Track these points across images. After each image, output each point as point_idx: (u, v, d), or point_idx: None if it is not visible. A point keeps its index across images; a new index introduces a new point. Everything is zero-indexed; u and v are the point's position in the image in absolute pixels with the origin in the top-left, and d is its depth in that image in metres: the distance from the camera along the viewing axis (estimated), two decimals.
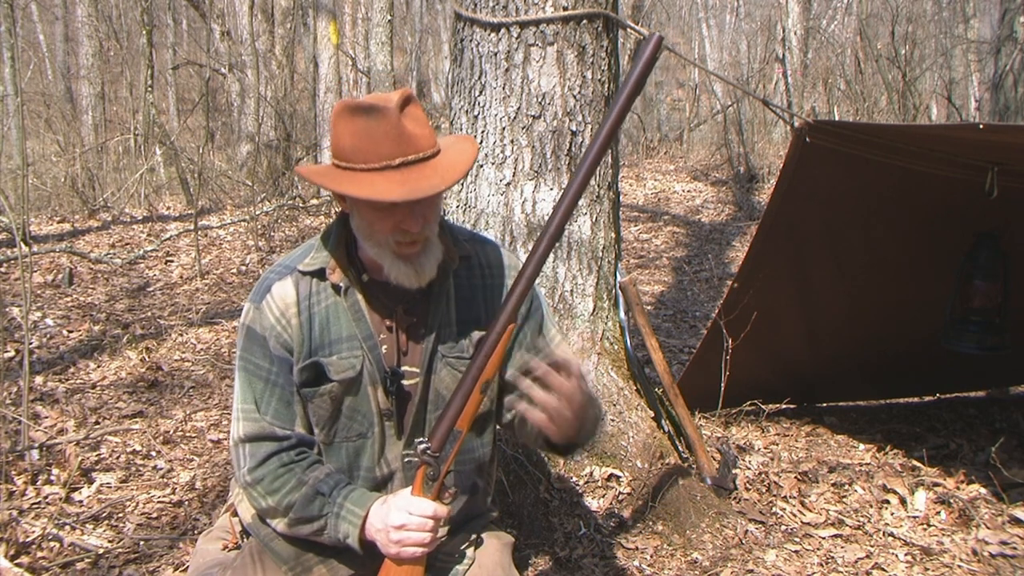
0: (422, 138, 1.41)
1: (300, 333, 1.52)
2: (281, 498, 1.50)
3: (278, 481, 1.50)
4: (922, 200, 3.13)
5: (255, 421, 1.52)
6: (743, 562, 2.56)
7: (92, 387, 4.13)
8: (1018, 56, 10.71)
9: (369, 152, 1.39)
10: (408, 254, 1.46)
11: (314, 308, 1.53)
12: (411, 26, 23.23)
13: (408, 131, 1.39)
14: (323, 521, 1.49)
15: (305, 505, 1.49)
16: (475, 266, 1.62)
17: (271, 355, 1.52)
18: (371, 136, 1.39)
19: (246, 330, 1.54)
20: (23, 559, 2.54)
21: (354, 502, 1.48)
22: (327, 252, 1.54)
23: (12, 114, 9.09)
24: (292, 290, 1.52)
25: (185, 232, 7.62)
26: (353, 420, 1.55)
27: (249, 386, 1.53)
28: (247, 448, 1.53)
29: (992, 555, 2.58)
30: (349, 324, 1.52)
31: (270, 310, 1.52)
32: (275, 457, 1.51)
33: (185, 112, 14.95)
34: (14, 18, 9.26)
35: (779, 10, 14.12)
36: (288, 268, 1.55)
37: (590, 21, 2.80)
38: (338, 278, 1.52)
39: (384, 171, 1.39)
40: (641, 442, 2.87)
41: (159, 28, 16.88)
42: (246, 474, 1.52)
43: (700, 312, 5.79)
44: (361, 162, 1.39)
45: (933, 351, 3.40)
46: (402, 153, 1.39)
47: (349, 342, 1.52)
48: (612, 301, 3.03)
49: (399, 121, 1.38)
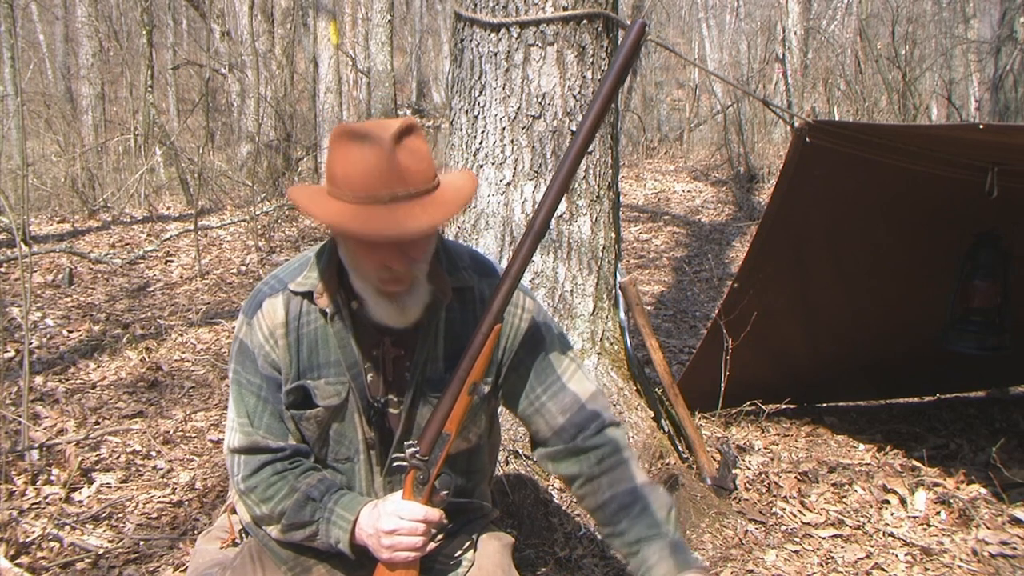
0: (417, 173, 1.34)
1: (288, 354, 1.50)
2: (275, 505, 1.50)
3: (271, 489, 1.50)
4: (922, 200, 3.13)
5: (248, 435, 1.52)
6: (743, 562, 2.56)
7: (92, 387, 4.13)
8: (1018, 56, 10.72)
9: (358, 183, 1.32)
10: (392, 292, 1.41)
11: (303, 329, 1.50)
12: (411, 26, 23.24)
13: (402, 165, 1.33)
14: (315, 527, 1.49)
15: (297, 511, 1.49)
16: (469, 300, 1.55)
17: (260, 373, 1.51)
18: (362, 167, 1.32)
19: (239, 344, 1.53)
20: (23, 559, 2.54)
21: (344, 507, 1.48)
22: (316, 274, 1.50)
23: (12, 114, 9.08)
24: (282, 310, 1.50)
25: (185, 232, 7.62)
26: (340, 444, 1.55)
27: (242, 400, 1.53)
28: (241, 458, 1.53)
29: (992, 555, 2.58)
30: (336, 350, 1.50)
31: (259, 328, 1.50)
32: (269, 467, 1.51)
33: (185, 112, 14.95)
34: (14, 18, 9.25)
35: (779, 10, 14.12)
36: (281, 284, 1.52)
37: (590, 21, 2.80)
38: (325, 303, 1.48)
39: (372, 205, 1.32)
40: (641, 442, 2.87)
41: (159, 28, 16.88)
42: (240, 482, 1.52)
43: (700, 312, 5.79)
44: (349, 191, 1.33)
45: (933, 351, 3.40)
46: (392, 188, 1.32)
47: (336, 367, 1.50)
48: (612, 301, 3.03)
49: (393, 154, 1.32)
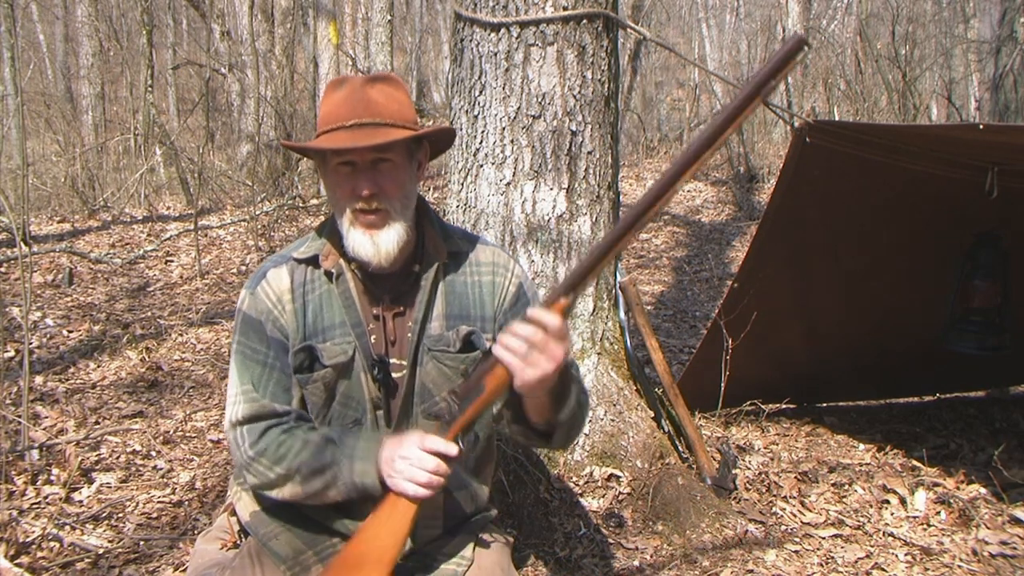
0: (385, 107, 1.49)
1: (295, 319, 1.54)
2: (291, 461, 1.48)
3: (283, 447, 1.49)
4: (922, 200, 3.13)
5: (254, 401, 1.52)
6: (743, 562, 2.56)
7: (92, 387, 4.12)
8: (1018, 56, 10.71)
9: (331, 116, 1.50)
10: (366, 223, 1.49)
11: (308, 295, 1.56)
12: (411, 26, 23.23)
13: (370, 99, 1.48)
14: (336, 468, 1.46)
15: (317, 454, 1.47)
16: (465, 263, 1.64)
17: (268, 338, 1.54)
18: (336, 102, 1.50)
19: (242, 316, 1.57)
20: (23, 559, 2.54)
21: (367, 439, 1.48)
22: (322, 240, 1.58)
23: (12, 114, 9.07)
24: (287, 277, 1.57)
25: (185, 232, 7.61)
26: (347, 407, 1.56)
27: (247, 370, 1.54)
28: (244, 429, 1.52)
29: (992, 555, 2.58)
30: (340, 311, 1.55)
31: (265, 295, 1.56)
32: (275, 428, 1.51)
33: (185, 112, 14.94)
34: (14, 18, 9.25)
35: (779, 10, 14.12)
36: (283, 257, 1.60)
37: (590, 21, 2.80)
38: (331, 264, 1.56)
39: (337, 131, 1.48)
40: (641, 442, 2.87)
41: (159, 28, 16.88)
42: (248, 450, 1.51)
43: (700, 312, 5.79)
44: (324, 125, 1.50)
45: (933, 351, 3.40)
46: (357, 116, 1.47)
47: (341, 328, 1.55)
48: (612, 301, 3.03)
49: (363, 90, 1.49)
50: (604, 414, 2.89)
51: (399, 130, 1.48)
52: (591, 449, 2.87)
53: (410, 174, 1.53)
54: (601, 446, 2.87)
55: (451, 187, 3.01)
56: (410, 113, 1.52)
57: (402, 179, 1.51)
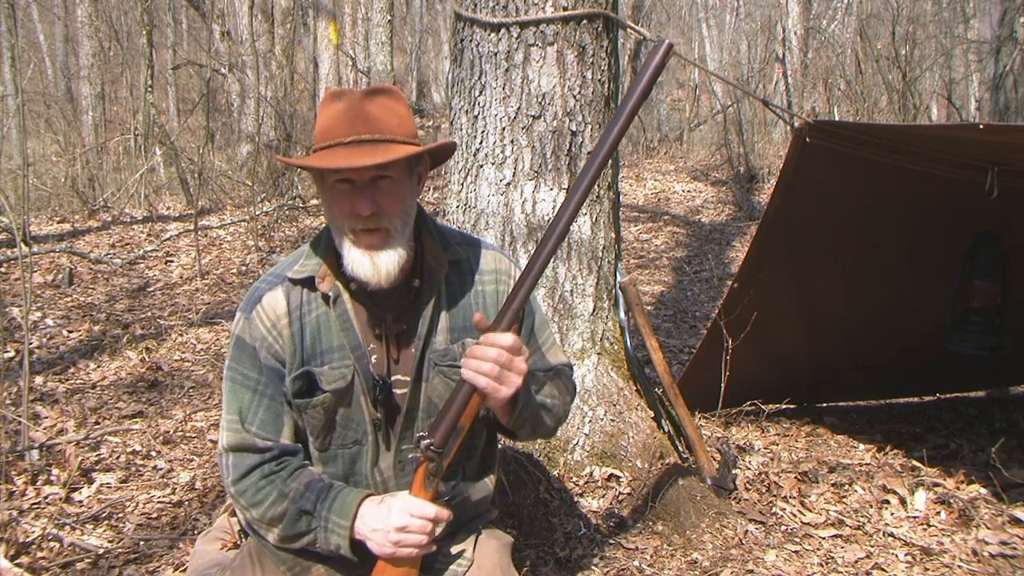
0: (383, 122, 1.44)
1: (292, 344, 1.52)
2: (264, 511, 1.50)
3: (260, 493, 1.50)
4: (922, 200, 3.13)
5: (237, 432, 1.52)
6: (743, 562, 2.56)
7: (92, 387, 4.13)
8: (1018, 56, 10.72)
9: (329, 132, 1.45)
10: (366, 244, 1.45)
11: (305, 318, 1.53)
12: (411, 26, 23.24)
13: (369, 114, 1.44)
14: (312, 535, 1.49)
15: (292, 524, 1.49)
16: (466, 271, 1.61)
17: (260, 365, 1.52)
18: (334, 116, 1.45)
19: (236, 340, 1.54)
20: (23, 559, 2.54)
21: (338, 513, 1.47)
22: (317, 259, 1.54)
23: (12, 114, 9.08)
24: (283, 300, 1.53)
25: (185, 232, 7.62)
26: (347, 429, 1.55)
27: (235, 397, 1.53)
28: (231, 458, 1.53)
29: (992, 555, 2.58)
30: (339, 334, 1.52)
31: (260, 321, 1.52)
32: (257, 469, 1.51)
33: (185, 112, 14.94)
34: (14, 18, 9.25)
35: (779, 10, 14.12)
36: (279, 277, 1.55)
37: (590, 21, 2.80)
38: (327, 286, 1.52)
39: (335, 148, 1.43)
40: (641, 442, 2.87)
41: (159, 28, 16.88)
42: (230, 485, 1.54)
43: (700, 312, 5.79)
44: (323, 140, 1.46)
45: (933, 351, 3.40)
46: (356, 132, 1.43)
47: (340, 352, 1.52)
48: (612, 301, 3.03)
49: (361, 104, 1.44)
50: (604, 414, 2.89)
51: (399, 146, 1.44)
52: (591, 449, 2.87)
53: (410, 188, 1.50)
54: (601, 446, 2.87)
55: (451, 187, 3.02)
56: (410, 127, 1.48)
57: (402, 194, 1.48)
